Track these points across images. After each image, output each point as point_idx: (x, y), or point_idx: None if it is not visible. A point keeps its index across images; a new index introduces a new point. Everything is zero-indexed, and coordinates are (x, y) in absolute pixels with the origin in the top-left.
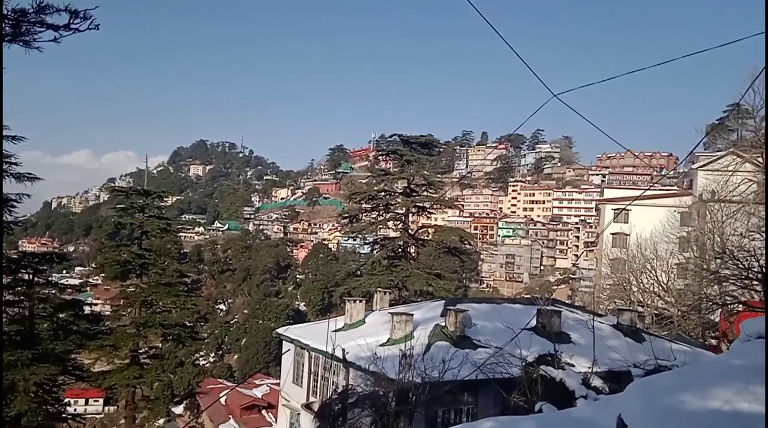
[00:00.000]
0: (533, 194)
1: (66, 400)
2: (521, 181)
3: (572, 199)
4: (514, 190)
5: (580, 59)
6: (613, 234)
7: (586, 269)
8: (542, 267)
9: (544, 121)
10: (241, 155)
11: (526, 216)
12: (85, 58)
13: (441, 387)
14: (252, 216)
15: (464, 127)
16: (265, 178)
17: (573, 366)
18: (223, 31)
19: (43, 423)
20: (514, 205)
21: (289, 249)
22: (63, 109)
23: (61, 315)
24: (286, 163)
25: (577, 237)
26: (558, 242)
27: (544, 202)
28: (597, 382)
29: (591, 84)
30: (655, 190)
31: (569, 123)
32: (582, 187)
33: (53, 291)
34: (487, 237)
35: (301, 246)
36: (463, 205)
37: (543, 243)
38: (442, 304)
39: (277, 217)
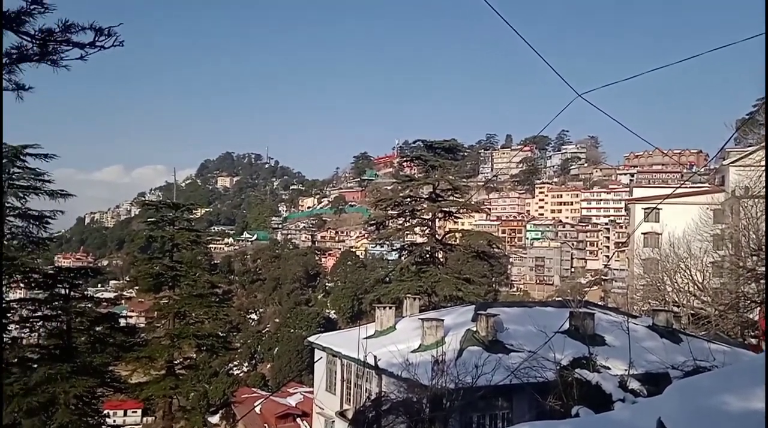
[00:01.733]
0: (560, 195)
1: (105, 412)
2: (548, 183)
3: (601, 200)
4: (541, 192)
5: (605, 58)
6: (644, 233)
7: (617, 270)
8: (573, 269)
9: (569, 122)
10: (267, 166)
11: (554, 218)
12: (113, 76)
13: (475, 392)
14: (280, 226)
15: (488, 131)
16: (291, 187)
17: (609, 368)
18: (245, 44)
19: None
20: (542, 207)
21: (317, 258)
22: (93, 125)
23: (97, 329)
24: (311, 172)
25: (608, 237)
26: (588, 243)
27: (572, 204)
28: (634, 385)
29: (616, 82)
30: (686, 187)
31: (595, 123)
32: (610, 186)
33: (89, 305)
34: (516, 240)
35: (329, 255)
36: (489, 209)
37: (573, 244)
38: (473, 309)
39: (304, 226)
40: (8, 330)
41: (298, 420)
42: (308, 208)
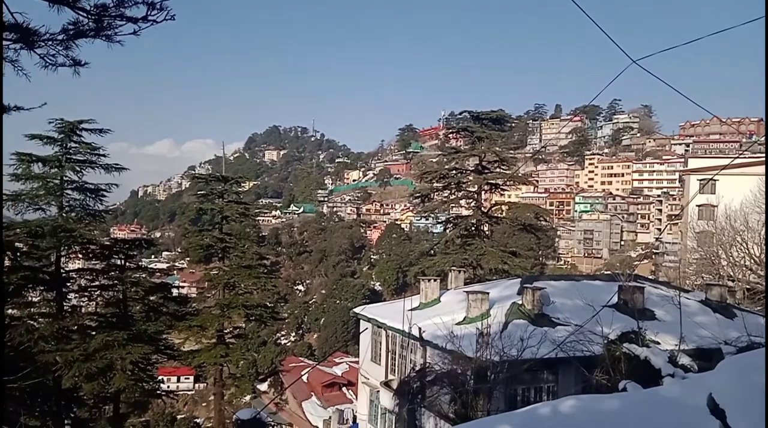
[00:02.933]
0: (611, 167)
1: (159, 377)
2: (598, 154)
3: (653, 171)
4: (590, 164)
5: (660, 23)
6: (699, 206)
7: (670, 243)
8: (622, 243)
9: (621, 90)
10: (313, 139)
11: (604, 190)
12: (162, 51)
13: (520, 365)
14: (326, 199)
15: (536, 101)
16: (336, 160)
17: (658, 343)
18: (290, 17)
19: (139, 399)
20: (592, 179)
21: (362, 230)
22: (145, 100)
23: (151, 298)
24: (356, 145)
25: (660, 210)
26: (639, 216)
27: (623, 175)
28: (685, 360)
29: (673, 47)
30: (745, 157)
31: (649, 91)
32: (664, 157)
33: (143, 275)
34: (564, 212)
35: (374, 227)
36: (537, 181)
37: (623, 217)
38: (519, 282)
39: (349, 199)
40: (68, 299)
41: (344, 389)
42: (353, 180)
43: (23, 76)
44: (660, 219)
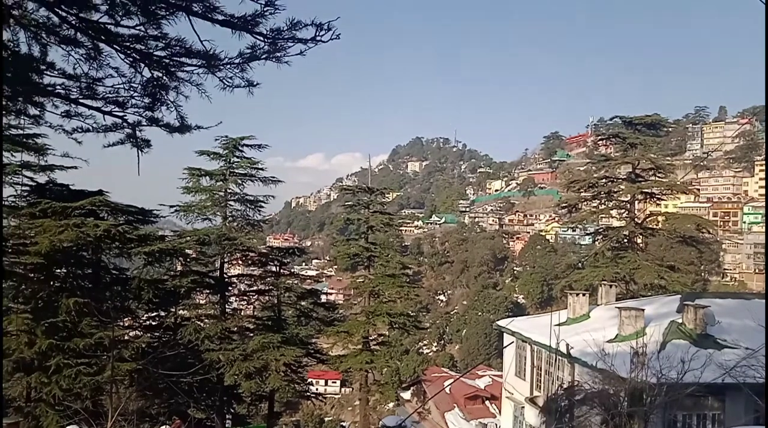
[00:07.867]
0: None
1: (309, 380)
2: None
3: None
4: (762, 170)
5: None
6: None
7: None
8: None
9: None
10: (455, 149)
11: None
12: (316, 70)
13: (680, 389)
14: (467, 209)
15: (697, 103)
16: (478, 170)
17: None
18: (435, 30)
19: (291, 399)
20: (762, 187)
21: (505, 241)
22: (299, 116)
23: (302, 303)
24: (499, 155)
25: None
26: None
27: None
28: None
29: None
30: None
31: None
32: None
33: (296, 282)
34: (730, 224)
35: (517, 238)
36: (698, 190)
37: None
38: (678, 299)
39: (491, 209)
40: (230, 302)
41: (487, 402)
42: (495, 190)
43: (206, 98)
44: None
